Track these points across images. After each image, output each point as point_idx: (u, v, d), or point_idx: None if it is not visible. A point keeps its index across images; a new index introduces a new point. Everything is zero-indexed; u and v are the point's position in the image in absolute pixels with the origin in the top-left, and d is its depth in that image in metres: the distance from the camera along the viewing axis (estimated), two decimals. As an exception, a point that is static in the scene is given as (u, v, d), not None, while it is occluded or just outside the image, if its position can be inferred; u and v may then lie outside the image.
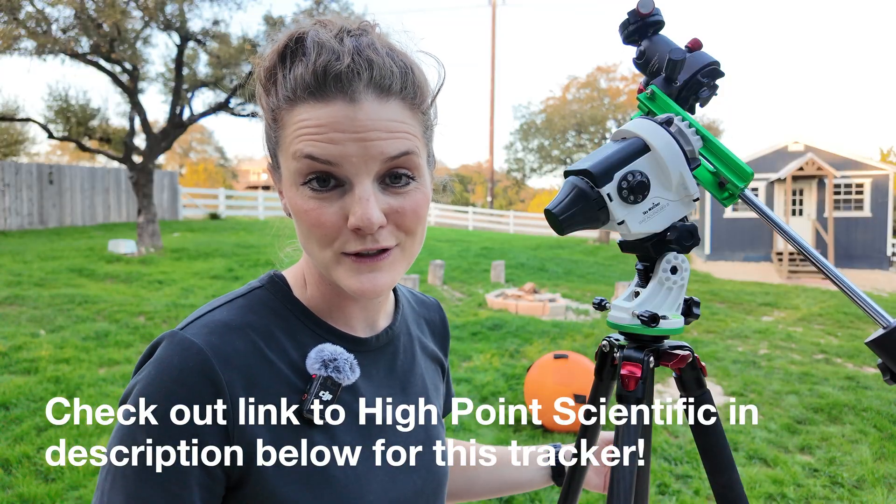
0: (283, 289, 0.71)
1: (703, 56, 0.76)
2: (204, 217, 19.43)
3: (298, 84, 0.61)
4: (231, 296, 0.70)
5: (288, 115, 0.63)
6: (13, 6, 9.37)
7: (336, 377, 0.66)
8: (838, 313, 9.12)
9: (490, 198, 28.26)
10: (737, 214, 17.19)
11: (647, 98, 0.78)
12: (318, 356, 0.67)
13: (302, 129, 0.61)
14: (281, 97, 0.63)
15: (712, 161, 0.74)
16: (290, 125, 0.62)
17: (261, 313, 0.68)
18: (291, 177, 0.63)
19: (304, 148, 0.60)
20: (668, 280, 0.75)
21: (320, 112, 0.60)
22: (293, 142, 0.62)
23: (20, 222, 14.63)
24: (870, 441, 4.24)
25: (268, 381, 0.64)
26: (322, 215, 0.62)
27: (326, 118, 0.60)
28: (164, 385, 0.60)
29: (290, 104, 0.62)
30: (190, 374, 0.60)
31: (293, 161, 0.62)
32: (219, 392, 0.60)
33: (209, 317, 0.66)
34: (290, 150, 0.62)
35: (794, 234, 0.74)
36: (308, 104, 0.61)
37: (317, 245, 0.63)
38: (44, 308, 6.78)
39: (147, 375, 0.61)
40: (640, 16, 0.77)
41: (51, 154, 36.59)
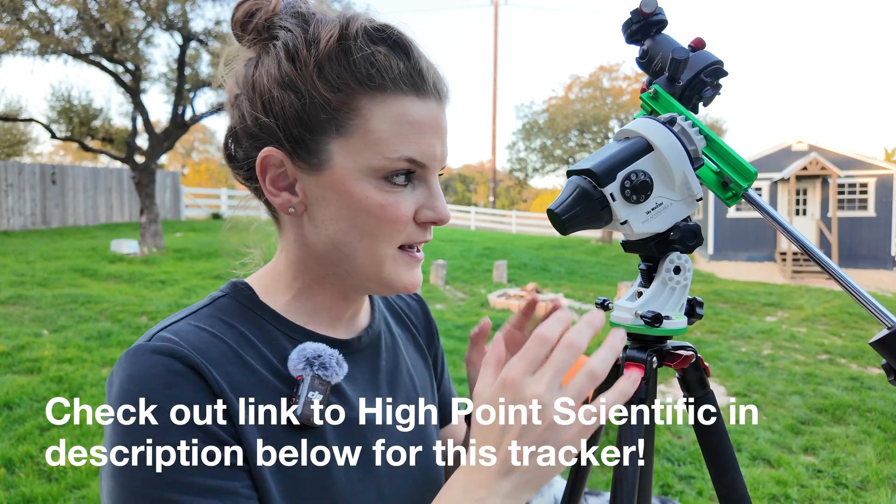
0: (249, 295, 0.67)
1: (706, 55, 0.76)
2: (206, 217, 19.46)
3: (400, 76, 0.59)
4: (192, 308, 0.65)
5: (372, 102, 0.59)
6: (16, 6, 9.39)
7: (323, 375, 0.63)
8: (842, 313, 9.10)
9: (492, 197, 28.24)
10: (740, 214, 17.15)
11: (649, 97, 0.77)
12: (300, 356, 0.63)
13: (403, 125, 0.60)
14: (364, 79, 0.59)
15: (716, 160, 0.74)
16: (378, 116, 0.59)
17: (231, 320, 0.63)
18: (366, 170, 0.60)
19: (406, 151, 0.60)
20: (672, 280, 0.74)
21: (420, 109, 0.60)
22: (389, 139, 0.59)
23: (23, 222, 14.67)
24: (874, 442, 4.23)
25: (251, 386, 0.60)
26: (399, 210, 0.61)
27: (424, 117, 0.61)
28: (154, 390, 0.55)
29: (380, 91, 0.59)
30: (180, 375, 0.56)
31: (380, 157, 0.59)
32: (214, 393, 0.57)
33: (175, 327, 0.60)
34: (378, 144, 0.59)
35: (798, 234, 0.73)
36: (407, 98, 0.60)
37: (385, 240, 0.62)
38: (46, 308, 6.80)
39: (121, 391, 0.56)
40: (643, 15, 0.76)
41: (53, 154, 36.74)
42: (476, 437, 0.53)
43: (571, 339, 0.53)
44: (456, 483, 0.53)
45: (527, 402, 0.50)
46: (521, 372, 0.51)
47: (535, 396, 0.50)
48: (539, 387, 0.50)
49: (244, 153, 0.65)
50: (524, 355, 0.52)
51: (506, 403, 0.51)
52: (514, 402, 0.51)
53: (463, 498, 0.51)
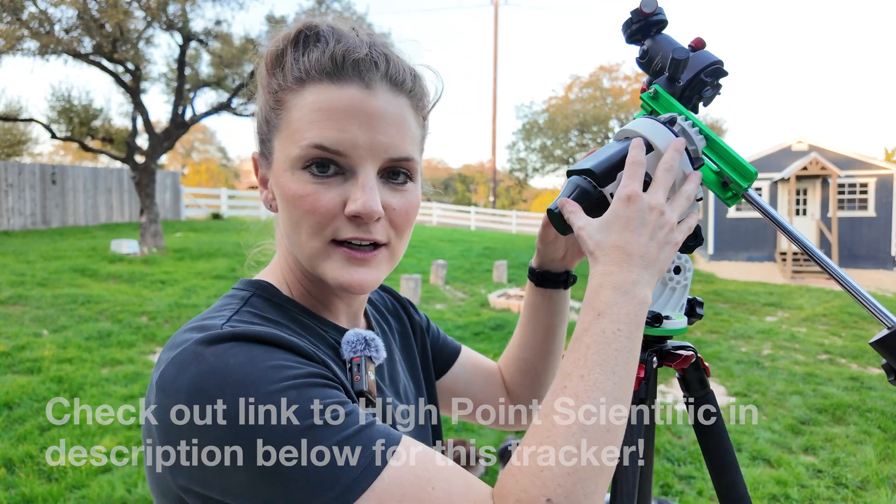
0: (275, 291, 0.68)
1: (706, 55, 0.76)
2: (206, 217, 19.46)
3: (313, 66, 0.61)
4: (229, 308, 0.63)
5: (295, 96, 0.62)
6: (16, 6, 9.39)
7: (374, 356, 0.67)
8: (842, 313, 9.10)
9: (492, 197, 28.25)
10: (740, 214, 17.15)
11: (650, 97, 0.77)
12: (357, 337, 0.68)
13: (313, 112, 0.60)
14: (290, 78, 0.62)
15: (716, 160, 0.74)
16: (297, 108, 0.61)
17: (270, 316, 0.64)
18: (289, 161, 0.61)
19: (314, 137, 0.59)
20: (672, 280, 0.75)
21: (334, 94, 0.60)
22: (301, 127, 0.61)
23: (23, 222, 14.67)
24: (874, 442, 4.23)
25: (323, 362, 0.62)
26: (318, 200, 0.60)
27: (340, 101, 0.60)
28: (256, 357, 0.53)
29: (300, 85, 0.61)
30: (274, 346, 0.55)
31: (295, 147, 0.60)
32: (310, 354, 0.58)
33: (231, 322, 0.59)
34: (294, 134, 0.61)
35: (798, 234, 0.73)
36: (322, 85, 0.61)
37: (308, 232, 0.62)
38: (47, 308, 6.80)
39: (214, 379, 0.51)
40: (643, 15, 0.76)
41: (53, 154, 36.74)
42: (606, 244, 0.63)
43: (668, 163, 0.66)
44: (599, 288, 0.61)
45: (653, 209, 0.63)
46: (638, 188, 0.64)
47: (657, 204, 0.64)
48: (657, 198, 0.64)
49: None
50: (632, 177, 0.65)
51: (634, 212, 0.63)
52: (641, 210, 0.63)
53: (613, 294, 0.61)
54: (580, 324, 0.61)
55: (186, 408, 0.51)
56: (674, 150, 0.66)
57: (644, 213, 0.63)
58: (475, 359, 0.97)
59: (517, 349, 0.95)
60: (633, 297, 0.60)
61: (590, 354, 0.58)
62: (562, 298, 0.91)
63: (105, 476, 3.35)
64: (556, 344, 0.93)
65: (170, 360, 0.54)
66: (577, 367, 0.58)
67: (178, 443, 0.52)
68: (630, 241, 0.62)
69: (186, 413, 0.51)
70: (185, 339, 0.56)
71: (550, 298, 0.90)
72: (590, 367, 0.57)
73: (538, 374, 0.94)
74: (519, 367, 0.95)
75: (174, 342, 0.57)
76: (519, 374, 0.95)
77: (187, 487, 0.54)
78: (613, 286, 0.61)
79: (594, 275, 0.63)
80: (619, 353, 0.58)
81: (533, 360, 0.93)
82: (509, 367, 0.96)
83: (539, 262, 0.90)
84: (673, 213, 0.65)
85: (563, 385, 0.57)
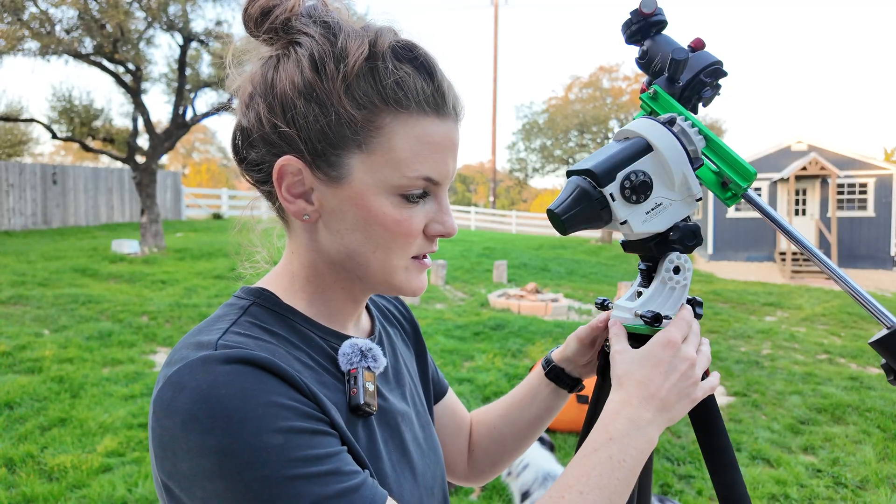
0: (275, 300, 0.67)
1: (705, 56, 0.76)
2: (207, 217, 19.47)
3: (421, 95, 0.61)
4: (227, 318, 0.63)
5: (395, 121, 0.60)
6: (17, 7, 9.40)
7: (373, 366, 0.67)
8: (842, 313, 9.10)
9: (492, 198, 28.24)
10: (740, 214, 17.15)
11: (649, 98, 0.77)
12: (353, 349, 0.67)
13: (423, 144, 0.61)
14: (389, 99, 0.60)
15: (715, 161, 0.74)
16: (400, 135, 0.61)
17: (268, 326, 0.64)
18: (386, 186, 0.61)
19: (424, 170, 0.62)
20: (671, 280, 0.75)
21: (439, 129, 0.63)
22: (409, 157, 0.61)
23: (24, 222, 14.67)
24: (873, 441, 4.23)
25: (316, 383, 0.61)
26: (412, 224, 0.63)
27: (444, 137, 0.63)
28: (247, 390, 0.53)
29: (403, 110, 0.60)
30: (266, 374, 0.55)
31: (401, 175, 0.61)
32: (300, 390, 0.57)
33: (228, 338, 0.59)
34: (400, 163, 0.61)
35: (798, 234, 0.74)
36: (428, 118, 0.62)
37: (398, 253, 0.64)
38: (47, 308, 6.80)
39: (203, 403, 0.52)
40: (642, 15, 0.77)
41: (54, 154, 36.75)
42: (634, 377, 0.68)
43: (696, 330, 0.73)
44: (616, 415, 0.66)
45: (686, 360, 0.69)
46: (680, 338, 0.69)
47: (691, 357, 0.69)
48: (691, 351, 0.70)
49: (259, 157, 0.64)
50: (679, 327, 0.71)
51: (668, 358, 0.68)
52: (675, 358, 0.68)
53: (628, 426, 0.65)
54: (590, 442, 0.65)
55: (181, 432, 0.52)
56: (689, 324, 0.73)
57: (677, 361, 0.68)
58: (455, 405, 0.96)
59: (497, 418, 0.94)
60: (643, 434, 0.65)
61: (593, 475, 0.62)
62: (562, 398, 0.92)
63: (106, 476, 3.35)
64: (536, 432, 0.93)
65: (167, 380, 0.55)
66: (578, 482, 0.62)
67: (171, 461, 0.53)
68: (655, 382, 0.67)
69: (179, 438, 0.52)
70: (182, 356, 0.56)
71: (553, 393, 0.91)
72: (591, 487, 0.61)
73: (505, 450, 0.94)
74: (490, 434, 0.94)
75: (172, 358, 0.58)
76: (488, 440, 0.94)
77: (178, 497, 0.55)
78: (629, 418, 0.66)
79: (613, 400, 0.68)
80: (619, 482, 0.62)
81: (508, 436, 0.93)
82: (481, 428, 0.95)
83: (561, 358, 0.90)
84: (698, 369, 0.70)
85: (562, 495, 0.61)
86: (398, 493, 0.65)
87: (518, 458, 0.94)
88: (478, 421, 0.97)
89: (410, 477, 0.69)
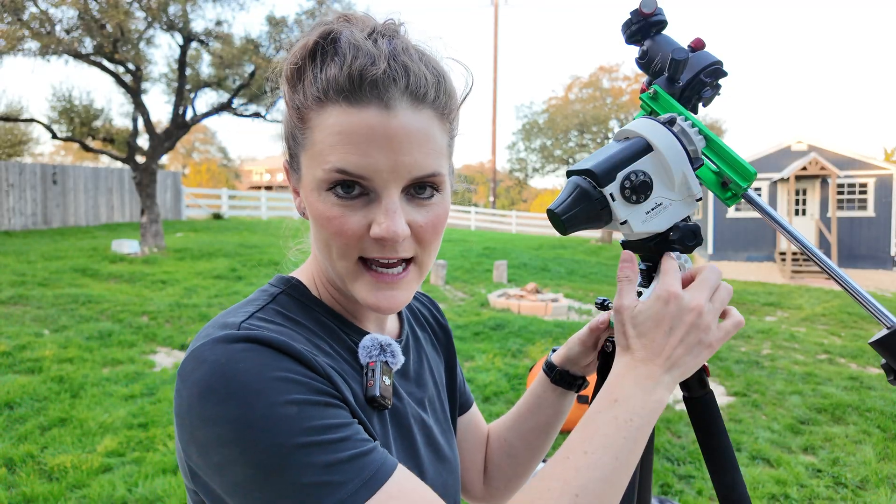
0: (304, 291, 0.69)
1: (705, 56, 0.76)
2: (207, 217, 19.47)
3: (331, 85, 0.59)
4: (255, 304, 0.65)
5: (317, 116, 0.61)
6: (17, 7, 9.40)
7: (391, 362, 0.68)
8: (842, 313, 9.10)
9: (492, 198, 28.24)
10: (740, 214, 17.15)
11: (649, 98, 0.77)
12: (373, 343, 0.68)
13: (334, 135, 0.59)
14: (310, 96, 0.61)
15: (715, 161, 0.74)
16: (318, 128, 0.60)
17: (293, 315, 0.66)
18: (315, 181, 0.61)
19: (337, 161, 0.59)
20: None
21: (353, 118, 0.58)
22: (324, 150, 0.60)
23: (24, 222, 14.67)
24: (873, 441, 4.23)
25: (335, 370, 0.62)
26: (345, 224, 0.60)
27: (360, 125, 0.58)
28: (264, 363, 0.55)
29: (320, 105, 0.60)
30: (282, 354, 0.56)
31: (319, 169, 0.60)
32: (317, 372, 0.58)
33: (251, 322, 0.60)
34: (318, 156, 0.60)
35: (798, 234, 0.73)
36: (340, 107, 0.59)
37: (337, 253, 0.62)
38: (47, 308, 6.80)
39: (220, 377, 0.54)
40: (642, 15, 0.77)
41: (54, 154, 36.76)
42: (638, 339, 0.64)
43: (714, 269, 0.68)
44: (621, 378, 0.63)
45: (691, 311, 0.63)
46: (677, 288, 0.65)
47: (696, 306, 0.63)
48: (698, 298, 0.64)
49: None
50: (675, 276, 0.66)
51: (671, 312, 0.63)
52: (680, 310, 0.63)
53: (634, 387, 0.62)
54: (594, 406, 0.63)
55: (197, 402, 0.54)
56: (713, 271, 0.68)
57: (682, 313, 0.63)
58: (478, 420, 0.96)
59: (507, 431, 0.93)
60: (650, 395, 0.62)
61: (597, 435, 0.59)
62: (569, 399, 0.91)
63: (106, 476, 3.35)
64: (547, 441, 0.92)
65: (190, 353, 0.57)
66: (583, 442, 0.59)
67: (189, 429, 0.55)
68: (658, 342, 0.63)
69: (196, 407, 0.54)
70: (207, 333, 0.59)
71: (559, 397, 0.90)
72: (595, 447, 0.59)
73: (519, 464, 0.92)
74: (502, 448, 0.93)
75: (198, 336, 0.61)
76: (500, 455, 0.93)
77: (195, 471, 0.57)
78: (635, 380, 0.63)
79: (618, 363, 0.65)
80: (626, 441, 0.60)
81: (519, 449, 0.92)
82: (493, 444, 0.94)
83: (563, 360, 0.89)
84: (711, 314, 0.65)
85: (566, 456, 0.59)
86: None
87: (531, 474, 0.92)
88: (489, 436, 0.96)
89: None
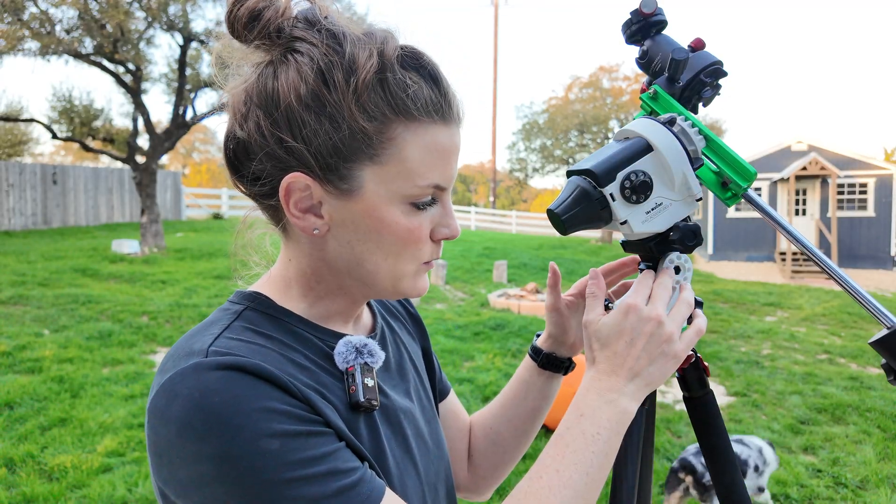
0: (270, 303, 0.67)
1: (705, 56, 0.76)
2: (207, 217, 19.47)
3: (429, 103, 0.60)
4: (220, 323, 0.62)
5: (406, 131, 0.60)
6: (17, 7, 9.40)
7: (370, 362, 0.67)
8: (842, 313, 9.10)
9: (492, 198, 28.24)
10: (740, 214, 17.15)
11: (649, 98, 0.77)
12: (348, 347, 0.66)
13: (431, 152, 0.61)
14: (399, 107, 0.59)
15: (715, 161, 0.74)
16: (410, 144, 0.60)
17: (263, 330, 0.63)
18: (398, 196, 0.61)
19: (436, 178, 0.62)
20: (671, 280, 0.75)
21: (446, 137, 0.62)
22: (419, 167, 0.61)
23: (24, 222, 14.67)
24: (873, 441, 4.23)
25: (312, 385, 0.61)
26: (422, 231, 0.64)
27: (451, 144, 0.63)
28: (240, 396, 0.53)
29: (412, 120, 0.60)
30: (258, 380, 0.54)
31: (413, 185, 0.61)
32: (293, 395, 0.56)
33: (221, 343, 0.58)
34: (410, 172, 0.61)
35: (798, 234, 0.73)
36: (436, 126, 0.62)
37: (408, 259, 0.65)
38: (48, 308, 6.80)
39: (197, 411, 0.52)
40: (642, 15, 0.77)
41: (54, 154, 36.76)
42: (600, 352, 0.67)
43: (663, 282, 0.70)
44: (586, 392, 0.66)
45: (649, 321, 0.66)
46: (641, 300, 0.67)
47: (655, 316, 0.66)
48: (657, 310, 0.66)
49: (260, 171, 0.62)
50: (637, 290, 0.68)
51: (630, 323, 0.66)
52: (639, 321, 0.66)
53: (598, 400, 0.65)
54: (563, 422, 0.65)
55: (176, 439, 0.52)
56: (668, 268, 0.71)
57: (641, 324, 0.66)
58: (457, 406, 0.95)
59: (493, 419, 0.92)
60: (614, 406, 0.64)
61: (568, 452, 0.62)
62: (557, 382, 0.91)
63: (106, 476, 3.35)
64: (534, 427, 0.91)
65: (160, 388, 0.55)
66: (554, 461, 0.62)
67: (167, 468, 0.54)
68: (620, 353, 0.66)
69: (176, 445, 0.52)
70: (174, 363, 0.56)
71: (547, 381, 0.89)
72: (566, 464, 0.61)
73: (505, 451, 0.92)
74: (487, 436, 0.92)
75: (165, 366, 0.58)
76: (486, 443, 0.93)
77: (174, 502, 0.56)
78: (598, 392, 0.65)
79: (585, 377, 0.68)
80: (594, 455, 0.62)
81: (506, 436, 0.91)
82: (477, 432, 0.94)
83: (548, 343, 0.88)
84: (672, 323, 0.67)
85: (539, 475, 0.61)
86: (401, 489, 0.65)
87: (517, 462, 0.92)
88: (475, 425, 0.96)
89: (413, 473, 0.69)
